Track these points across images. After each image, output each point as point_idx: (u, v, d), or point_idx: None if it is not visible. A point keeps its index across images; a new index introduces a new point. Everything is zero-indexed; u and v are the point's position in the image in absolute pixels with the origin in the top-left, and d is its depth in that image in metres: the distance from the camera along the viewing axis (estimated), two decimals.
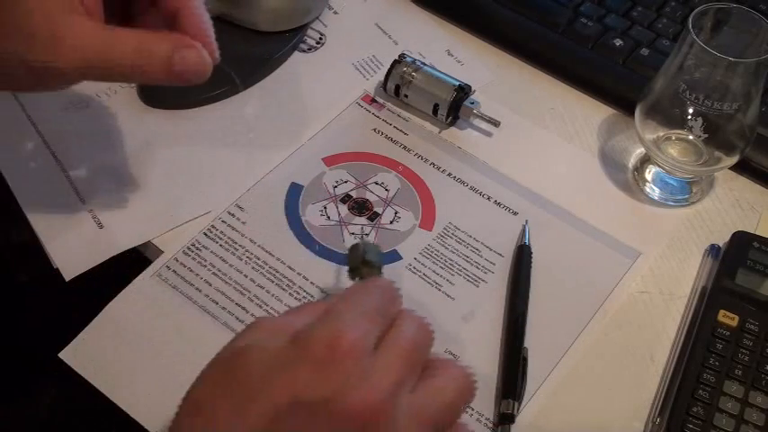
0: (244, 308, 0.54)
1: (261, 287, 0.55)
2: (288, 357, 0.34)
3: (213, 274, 0.55)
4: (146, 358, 0.52)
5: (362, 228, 0.58)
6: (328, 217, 0.59)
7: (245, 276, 0.55)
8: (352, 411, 0.33)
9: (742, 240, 0.57)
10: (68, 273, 0.55)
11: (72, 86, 0.47)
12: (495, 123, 0.63)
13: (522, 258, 0.57)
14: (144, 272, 0.55)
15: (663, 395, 0.51)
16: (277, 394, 0.34)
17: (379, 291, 0.38)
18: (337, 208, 0.59)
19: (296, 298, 0.55)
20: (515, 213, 0.60)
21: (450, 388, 0.37)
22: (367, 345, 0.35)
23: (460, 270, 0.57)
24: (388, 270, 0.55)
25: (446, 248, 0.58)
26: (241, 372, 0.35)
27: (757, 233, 0.58)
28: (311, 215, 0.59)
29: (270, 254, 0.57)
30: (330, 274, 0.56)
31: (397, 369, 0.35)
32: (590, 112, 0.67)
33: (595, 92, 0.67)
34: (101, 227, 0.57)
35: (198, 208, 0.59)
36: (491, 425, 0.50)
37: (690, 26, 0.54)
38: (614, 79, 0.67)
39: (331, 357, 0.34)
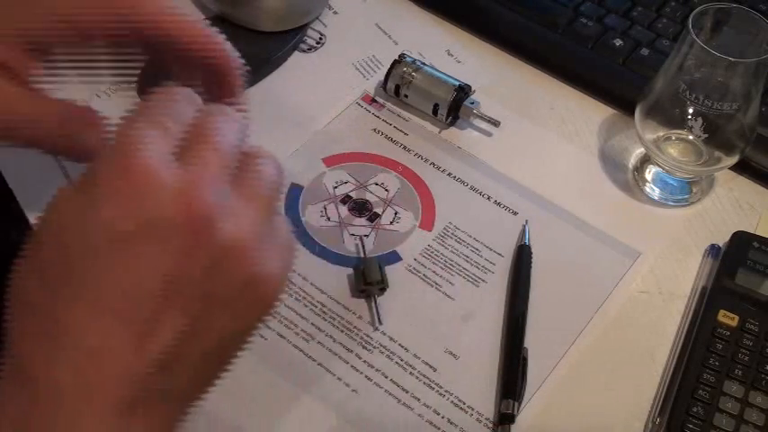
0: None
1: None
2: (86, 204, 0.31)
3: None
4: None
5: (356, 246, 0.58)
6: (328, 218, 0.59)
7: None
8: (178, 224, 0.31)
9: (742, 240, 0.57)
10: None
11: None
12: (495, 123, 0.63)
13: (522, 258, 0.57)
14: None
15: (663, 395, 0.51)
16: (87, 247, 0.31)
17: (167, 98, 0.34)
18: (337, 209, 0.59)
19: (296, 299, 0.55)
20: (515, 213, 0.60)
21: (270, 168, 0.36)
22: (165, 153, 0.32)
23: (460, 270, 0.57)
24: (389, 270, 0.56)
25: (446, 248, 0.58)
26: (46, 247, 0.32)
27: (757, 233, 0.58)
28: (311, 216, 0.59)
29: None
30: (330, 275, 0.56)
31: (209, 172, 0.32)
32: (590, 112, 0.67)
33: (595, 92, 0.67)
34: None
35: None
36: (491, 425, 0.50)
37: (690, 26, 0.54)
38: (614, 79, 0.67)
39: (131, 185, 0.31)
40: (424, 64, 0.65)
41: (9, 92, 0.43)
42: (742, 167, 0.62)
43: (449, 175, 0.62)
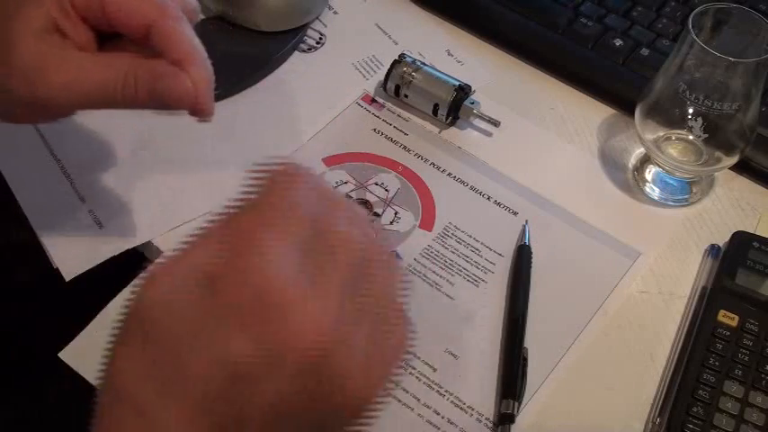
0: None
1: None
2: (210, 318, 0.30)
3: None
4: None
5: None
6: None
7: None
8: (298, 355, 0.30)
9: (742, 240, 0.57)
10: (68, 273, 0.55)
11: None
12: (495, 123, 0.63)
13: (522, 258, 0.57)
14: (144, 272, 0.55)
15: (663, 395, 0.51)
16: (205, 370, 0.30)
17: (303, 190, 0.33)
18: None
19: None
20: (515, 213, 0.60)
21: (388, 277, 0.34)
22: (300, 283, 0.31)
23: (460, 270, 0.57)
24: None
25: (446, 249, 0.58)
26: (158, 345, 0.31)
27: (757, 233, 0.58)
28: None
29: None
30: None
31: (334, 294, 0.31)
32: (590, 112, 0.67)
33: (595, 92, 0.67)
34: (101, 227, 0.57)
35: (198, 208, 0.58)
36: (491, 425, 0.50)
37: (690, 26, 0.54)
38: (614, 79, 0.67)
39: (261, 312, 0.30)
40: (424, 64, 0.65)
41: (73, 56, 0.43)
42: (742, 167, 0.62)
43: (449, 175, 0.62)
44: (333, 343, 0.31)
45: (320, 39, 0.70)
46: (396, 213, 0.60)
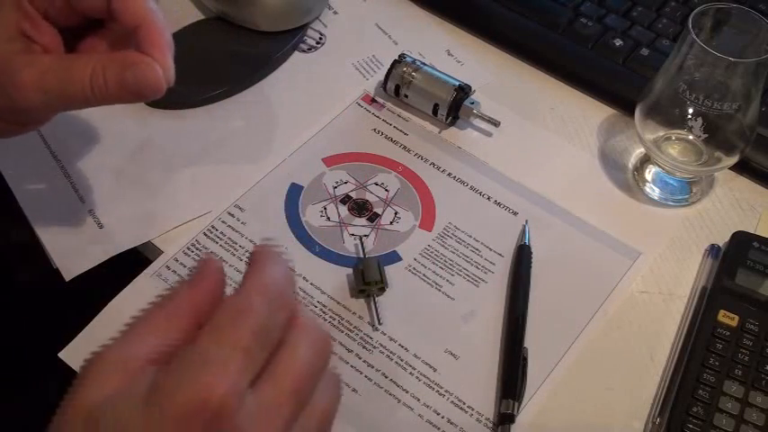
0: None
1: None
2: (148, 424, 0.30)
3: None
4: None
5: (356, 246, 0.58)
6: (328, 218, 0.59)
7: None
8: None
9: (742, 240, 0.57)
10: (68, 273, 0.55)
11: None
12: (495, 123, 0.63)
13: (522, 258, 0.57)
14: (144, 272, 0.55)
15: (663, 395, 0.51)
16: None
17: (264, 303, 0.33)
18: (337, 209, 0.59)
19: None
20: (515, 213, 0.60)
21: (332, 402, 0.35)
22: (240, 390, 0.31)
23: (460, 270, 0.57)
24: (389, 270, 0.56)
25: (446, 249, 0.58)
26: None
27: (757, 233, 0.58)
28: (311, 216, 0.59)
29: None
30: (330, 275, 0.56)
31: (283, 410, 0.32)
32: (590, 112, 0.67)
33: (595, 92, 0.67)
34: (101, 227, 0.57)
35: (198, 208, 0.59)
36: (491, 425, 0.50)
37: (690, 26, 0.54)
38: (614, 79, 0.67)
39: (198, 422, 0.30)
40: (424, 64, 0.65)
41: (40, 57, 0.44)
42: (742, 167, 0.62)
43: (449, 175, 0.62)
44: None
45: (320, 39, 0.70)
46: (396, 213, 0.60)
